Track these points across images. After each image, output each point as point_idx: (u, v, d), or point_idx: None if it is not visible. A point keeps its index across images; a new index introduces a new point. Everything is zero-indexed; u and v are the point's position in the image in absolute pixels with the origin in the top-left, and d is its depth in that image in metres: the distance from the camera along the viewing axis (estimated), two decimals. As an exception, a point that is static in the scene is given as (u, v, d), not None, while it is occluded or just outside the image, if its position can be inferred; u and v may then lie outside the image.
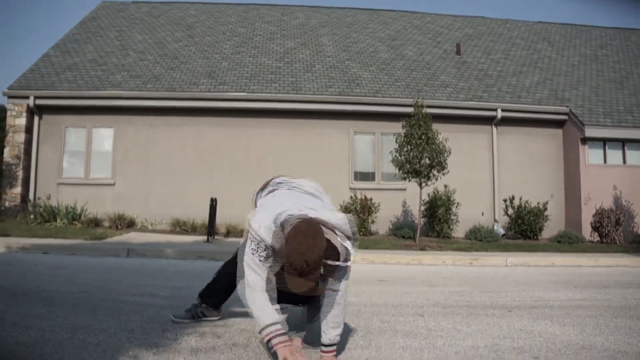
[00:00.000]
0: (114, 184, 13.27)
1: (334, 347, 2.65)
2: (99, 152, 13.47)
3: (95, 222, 12.21)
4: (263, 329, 2.55)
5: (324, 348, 2.64)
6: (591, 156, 14.20)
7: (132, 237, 10.63)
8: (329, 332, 2.63)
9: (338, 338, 2.65)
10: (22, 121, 13.13)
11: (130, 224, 12.44)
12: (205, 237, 10.77)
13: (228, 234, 12.15)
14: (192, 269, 6.85)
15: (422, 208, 12.56)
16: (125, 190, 13.23)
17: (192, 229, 12.28)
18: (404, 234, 12.43)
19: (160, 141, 13.48)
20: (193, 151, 13.53)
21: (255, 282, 2.63)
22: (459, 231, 13.36)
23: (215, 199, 10.83)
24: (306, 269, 2.32)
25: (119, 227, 12.19)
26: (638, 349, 3.03)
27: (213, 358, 2.60)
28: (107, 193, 13.23)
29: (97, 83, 13.48)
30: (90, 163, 13.40)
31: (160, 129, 13.52)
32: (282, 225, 2.51)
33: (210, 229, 10.57)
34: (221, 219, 11.85)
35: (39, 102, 13.12)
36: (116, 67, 14.32)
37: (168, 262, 7.68)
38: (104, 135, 13.54)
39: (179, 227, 12.39)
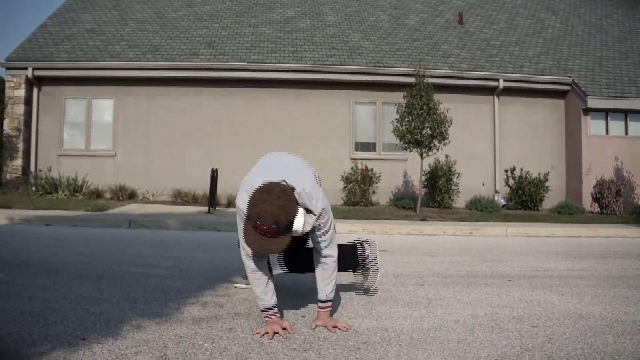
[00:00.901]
0: (114, 155, 13.27)
1: (330, 303, 2.75)
2: (99, 123, 13.44)
3: (97, 194, 12.25)
4: (262, 310, 2.66)
5: (320, 304, 2.74)
6: (593, 127, 14.14)
7: (134, 208, 10.67)
8: (324, 288, 2.73)
9: (333, 294, 2.75)
10: (21, 93, 13.06)
11: (131, 195, 12.48)
12: (206, 208, 10.81)
13: (229, 204, 12.19)
14: (193, 239, 6.89)
15: (423, 178, 12.58)
16: (126, 162, 13.23)
17: (193, 200, 12.31)
18: (404, 205, 12.46)
19: (160, 112, 13.43)
20: (193, 122, 13.49)
21: (248, 265, 2.67)
22: (460, 202, 13.39)
23: (216, 170, 10.83)
24: (274, 231, 2.32)
25: (120, 198, 12.23)
26: (635, 318, 3.07)
27: (215, 327, 2.62)
28: (108, 164, 13.24)
29: (95, 53, 13.36)
30: (91, 134, 13.38)
31: (160, 100, 13.45)
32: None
33: (211, 199, 10.60)
34: (222, 190, 11.88)
35: (38, 73, 13.03)
36: (115, 37, 14.18)
37: (169, 233, 7.72)
38: (104, 107, 13.48)
39: (180, 198, 12.42)
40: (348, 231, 8.76)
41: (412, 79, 11.95)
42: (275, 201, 2.30)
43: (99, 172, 13.06)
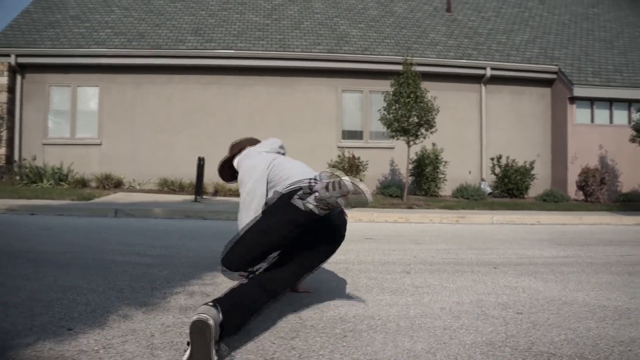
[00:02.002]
0: (100, 144, 13.15)
1: None
2: (84, 111, 13.30)
3: (82, 183, 12.15)
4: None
5: None
6: (578, 115, 14.24)
7: (120, 197, 10.61)
8: None
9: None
10: (4, 80, 12.87)
11: (117, 184, 12.40)
12: (193, 197, 10.77)
13: (216, 193, 12.16)
14: (180, 228, 6.87)
15: (410, 167, 12.61)
16: (112, 150, 13.12)
17: (180, 189, 12.26)
18: (391, 193, 12.49)
19: (146, 100, 13.32)
20: (180, 110, 13.39)
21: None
22: (446, 190, 13.45)
23: (203, 158, 10.79)
24: None
25: (106, 187, 12.15)
26: (617, 304, 3.11)
27: (202, 316, 2.62)
28: (94, 153, 13.12)
29: (80, 40, 13.20)
30: (76, 123, 13.24)
31: (147, 88, 13.33)
32: None
33: (198, 188, 10.57)
34: (209, 178, 11.83)
35: (21, 60, 12.83)
36: (100, 24, 14.01)
37: (156, 221, 7.69)
38: (89, 94, 13.34)
39: (167, 186, 12.36)
40: (335, 219, 8.77)
41: (399, 67, 11.94)
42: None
43: (85, 160, 12.95)
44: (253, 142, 3.41)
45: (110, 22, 14.15)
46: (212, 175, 12.08)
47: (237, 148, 3.38)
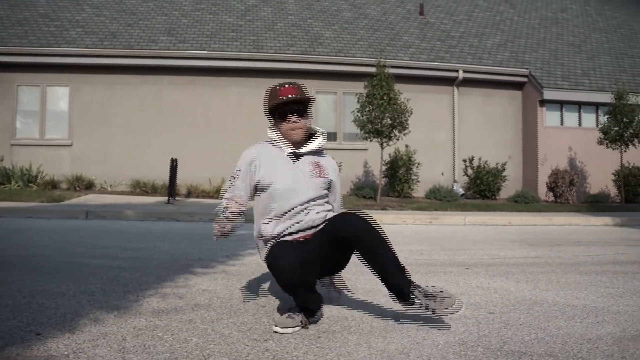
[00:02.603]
0: (71, 145, 12.94)
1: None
2: (54, 111, 13.08)
3: (52, 184, 11.93)
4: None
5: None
6: (548, 118, 14.50)
7: (91, 198, 10.46)
8: None
9: None
10: (-29, 79, 12.60)
11: (88, 186, 12.21)
12: (165, 198, 10.67)
13: (189, 194, 12.07)
14: (153, 230, 6.80)
15: (383, 168, 12.69)
16: (83, 151, 12.92)
17: (153, 190, 12.14)
18: (365, 194, 12.55)
19: (118, 100, 13.15)
20: (153, 110, 13.26)
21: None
22: (420, 191, 13.56)
23: (176, 159, 10.70)
24: (296, 90, 2.83)
25: (77, 188, 11.96)
26: (585, 302, 3.17)
27: (175, 319, 2.60)
28: (64, 154, 12.90)
29: (50, 39, 12.97)
30: (46, 123, 13.01)
31: (119, 88, 13.16)
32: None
33: (171, 189, 10.47)
34: (182, 180, 11.74)
35: (-12, 59, 12.58)
36: (70, 23, 13.79)
37: (128, 223, 7.60)
38: (59, 94, 13.12)
39: (139, 188, 12.23)
40: (309, 221, 8.78)
41: (373, 69, 12.01)
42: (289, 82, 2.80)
43: (55, 162, 12.72)
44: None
45: (81, 21, 13.94)
46: (185, 177, 12.00)
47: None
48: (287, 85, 2.80)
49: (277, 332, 2.39)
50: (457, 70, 14.22)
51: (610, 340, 2.40)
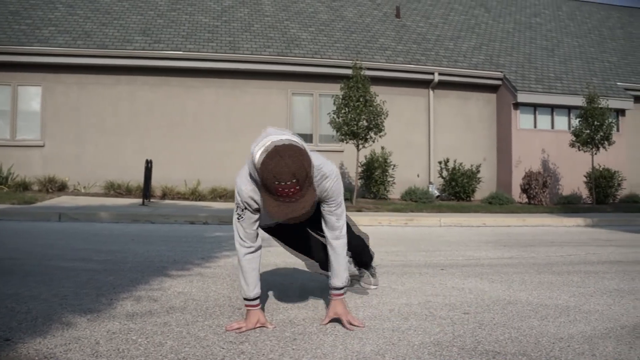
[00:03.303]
0: (43, 146, 12.73)
1: (344, 290, 2.66)
2: (25, 111, 12.84)
3: (24, 186, 11.72)
4: (245, 299, 2.56)
5: (335, 292, 2.64)
6: (522, 121, 14.71)
7: (64, 200, 10.31)
8: (342, 273, 2.64)
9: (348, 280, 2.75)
10: (-61, 78, 12.32)
11: (61, 187, 12.02)
12: (140, 200, 10.56)
13: (164, 196, 11.97)
14: (127, 232, 6.72)
15: (359, 170, 12.73)
16: (56, 152, 12.71)
17: (127, 192, 12.00)
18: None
19: (92, 101, 12.97)
20: (128, 111, 13.11)
21: (238, 250, 2.56)
22: (395, 192, 13.63)
23: (151, 161, 10.60)
24: (295, 187, 2.20)
25: (50, 190, 11.76)
26: (557, 302, 3.22)
27: (150, 322, 2.57)
28: (36, 155, 12.68)
29: (21, 38, 12.75)
30: (17, 123, 12.77)
31: (93, 88, 12.99)
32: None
33: (146, 191, 10.37)
34: (157, 181, 11.64)
35: (-43, 57, 12.31)
36: (42, 22, 13.56)
37: (102, 225, 7.51)
38: (31, 94, 12.89)
39: (114, 189, 12.08)
40: (286, 222, 8.76)
41: (349, 71, 12.05)
42: (287, 158, 2.20)
43: (26, 163, 12.50)
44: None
45: (53, 19, 13.73)
46: (160, 178, 11.89)
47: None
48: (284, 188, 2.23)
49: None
50: (432, 73, 14.34)
51: (582, 338, 2.44)
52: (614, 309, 3.09)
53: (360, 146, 11.74)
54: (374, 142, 11.81)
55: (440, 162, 14.04)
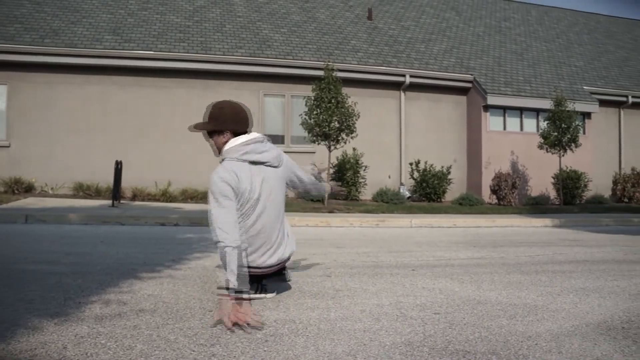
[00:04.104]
0: (9, 146, 12.44)
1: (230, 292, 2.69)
2: (-9, 111, 12.55)
3: (-11, 187, 11.46)
4: (230, 288, 2.63)
5: (218, 291, 2.75)
6: (492, 123, 14.91)
7: (31, 202, 10.10)
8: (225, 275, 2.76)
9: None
10: None
11: (28, 189, 11.77)
12: (110, 201, 10.40)
13: (134, 197, 11.82)
14: (97, 234, 6.61)
15: (331, 171, 12.75)
16: (23, 153, 12.43)
17: (97, 193, 11.81)
18: (312, 197, 12.57)
19: (61, 100, 12.73)
20: (97, 111, 12.90)
21: (227, 236, 2.77)
22: (367, 194, 13.69)
23: (121, 162, 10.46)
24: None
25: (16, 191, 11.51)
26: (526, 301, 3.28)
27: (119, 325, 2.54)
28: (1, 155, 12.38)
29: (-13, 36, 12.45)
30: (-18, 123, 12.46)
31: (61, 88, 12.75)
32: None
33: (116, 192, 10.23)
34: (127, 183, 11.49)
35: None
36: (8, 19, 13.25)
37: (71, 227, 7.38)
38: (-4, 93, 12.59)
39: (83, 191, 11.88)
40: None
41: (321, 73, 12.07)
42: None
43: (-9, 163, 12.21)
44: (239, 124, 3.22)
45: (19, 16, 13.43)
46: (130, 179, 11.73)
47: (220, 126, 3.18)
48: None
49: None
50: (404, 75, 14.45)
51: (549, 336, 2.49)
52: (579, 307, 3.16)
53: (332, 147, 11.76)
54: (345, 143, 11.85)
55: (411, 164, 14.14)
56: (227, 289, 2.61)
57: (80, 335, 2.36)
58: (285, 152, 2.81)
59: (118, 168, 10.29)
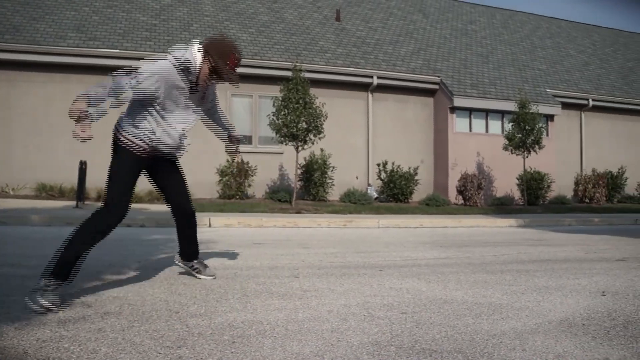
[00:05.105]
0: (-33, 145, 12.10)
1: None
2: (-52, 109, 12.17)
3: (-54, 187, 11.12)
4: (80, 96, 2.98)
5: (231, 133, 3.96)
6: (458, 124, 15.11)
7: (-9, 202, 9.84)
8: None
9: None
10: None
11: (-12, 189, 11.47)
12: (74, 202, 10.20)
13: (99, 198, 11.60)
14: (60, 235, 6.43)
15: (299, 172, 12.76)
16: (-18, 152, 12.10)
17: (60, 194, 11.58)
18: (280, 198, 12.56)
19: (22, 99, 12.43)
20: (61, 110, 12.55)
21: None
22: (334, 194, 13.73)
23: (85, 162, 10.27)
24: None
25: (-25, 192, 11.20)
26: (491, 300, 3.33)
27: (83, 328, 2.49)
28: (-40, 155, 12.04)
29: (-56, 32, 12.08)
30: (-61, 121, 12.08)
31: (22, 86, 12.45)
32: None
33: (80, 193, 10.04)
34: (92, 183, 11.26)
35: None
36: (-33, 15, 12.90)
37: (33, 229, 7.21)
38: (-46, 91, 12.22)
39: (45, 192, 11.62)
40: (224, 224, 8.69)
41: (289, 73, 12.07)
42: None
43: (-51, 163, 11.84)
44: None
45: (-22, 13, 13.06)
46: (95, 180, 11.49)
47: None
48: (238, 62, 3.35)
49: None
50: (371, 76, 14.54)
51: (513, 334, 2.54)
52: (542, 305, 3.22)
53: (300, 148, 11.76)
54: (313, 144, 11.86)
55: (378, 165, 14.23)
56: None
57: (42, 339, 2.31)
58: (252, 152, 2.88)
59: (82, 168, 10.10)
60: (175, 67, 3.21)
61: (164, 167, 3.47)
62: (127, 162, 3.36)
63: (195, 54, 3.21)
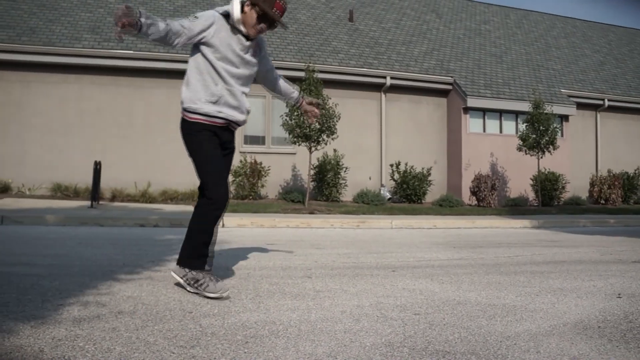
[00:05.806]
0: (-16, 146, 12.24)
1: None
2: (-35, 110, 12.32)
3: (-37, 187, 11.25)
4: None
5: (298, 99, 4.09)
6: (472, 125, 15.04)
7: (7, 203, 9.94)
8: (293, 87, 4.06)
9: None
10: None
11: (4, 189, 11.59)
12: (89, 202, 10.29)
13: (113, 198, 11.70)
14: (74, 235, 6.53)
15: (312, 172, 12.76)
16: (-2, 153, 12.23)
17: (75, 194, 11.68)
18: (293, 198, 12.57)
19: (38, 99, 12.55)
20: (75, 111, 12.75)
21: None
22: (347, 195, 13.72)
23: (100, 162, 10.34)
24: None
25: (-8, 192, 11.33)
26: (505, 302, 3.30)
27: (97, 327, 2.50)
28: (-24, 155, 12.19)
29: (-39, 33, 12.23)
30: (-44, 122, 12.24)
31: (38, 86, 12.57)
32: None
33: (94, 193, 10.11)
34: (106, 183, 11.37)
35: None
36: (-17, 17, 13.05)
37: (48, 229, 7.27)
38: (-30, 92, 12.37)
39: (60, 191, 11.73)
40: (237, 225, 8.71)
41: (302, 74, 12.07)
42: None
43: (-34, 163, 11.99)
44: None
45: (-4, 15, 13.21)
46: (109, 180, 11.60)
47: None
48: (284, 6, 3.39)
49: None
50: (384, 77, 14.51)
51: (527, 336, 2.52)
52: (557, 307, 3.19)
53: (313, 149, 11.77)
54: (326, 144, 11.86)
55: (391, 165, 14.20)
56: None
57: (58, 338, 2.33)
58: (265, 153, 2.88)
59: (97, 168, 10.18)
60: (223, 17, 3.39)
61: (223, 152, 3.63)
62: (204, 138, 3.57)
63: (234, 5, 3.33)
